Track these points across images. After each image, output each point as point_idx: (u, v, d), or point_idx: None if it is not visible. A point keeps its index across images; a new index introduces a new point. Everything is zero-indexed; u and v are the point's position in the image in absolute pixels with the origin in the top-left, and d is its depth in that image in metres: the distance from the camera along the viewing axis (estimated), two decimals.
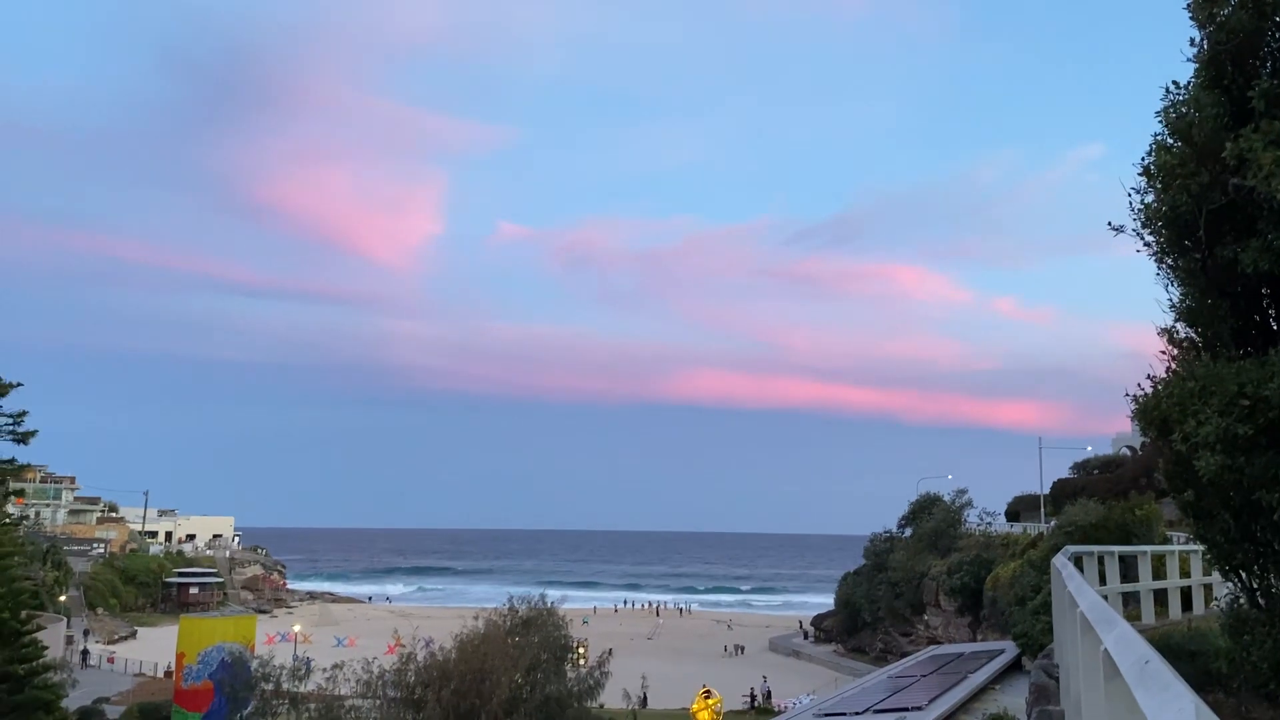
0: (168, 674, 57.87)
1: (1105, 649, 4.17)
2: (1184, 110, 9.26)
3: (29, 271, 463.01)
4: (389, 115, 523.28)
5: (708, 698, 51.00)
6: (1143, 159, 9.50)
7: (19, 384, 43.45)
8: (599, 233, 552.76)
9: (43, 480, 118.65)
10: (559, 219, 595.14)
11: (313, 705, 31.01)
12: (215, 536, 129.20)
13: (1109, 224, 9.78)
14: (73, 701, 39.20)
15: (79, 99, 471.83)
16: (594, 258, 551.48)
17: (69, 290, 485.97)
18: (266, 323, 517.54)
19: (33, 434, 43.72)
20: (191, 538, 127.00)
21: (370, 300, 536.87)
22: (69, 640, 67.44)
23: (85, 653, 70.36)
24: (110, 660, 68.58)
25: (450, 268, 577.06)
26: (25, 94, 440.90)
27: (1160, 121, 9.46)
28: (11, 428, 43.33)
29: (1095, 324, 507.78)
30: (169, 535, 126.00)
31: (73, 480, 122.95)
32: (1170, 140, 9.33)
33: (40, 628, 32.74)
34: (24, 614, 30.37)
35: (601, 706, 33.71)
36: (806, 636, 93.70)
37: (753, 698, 58.33)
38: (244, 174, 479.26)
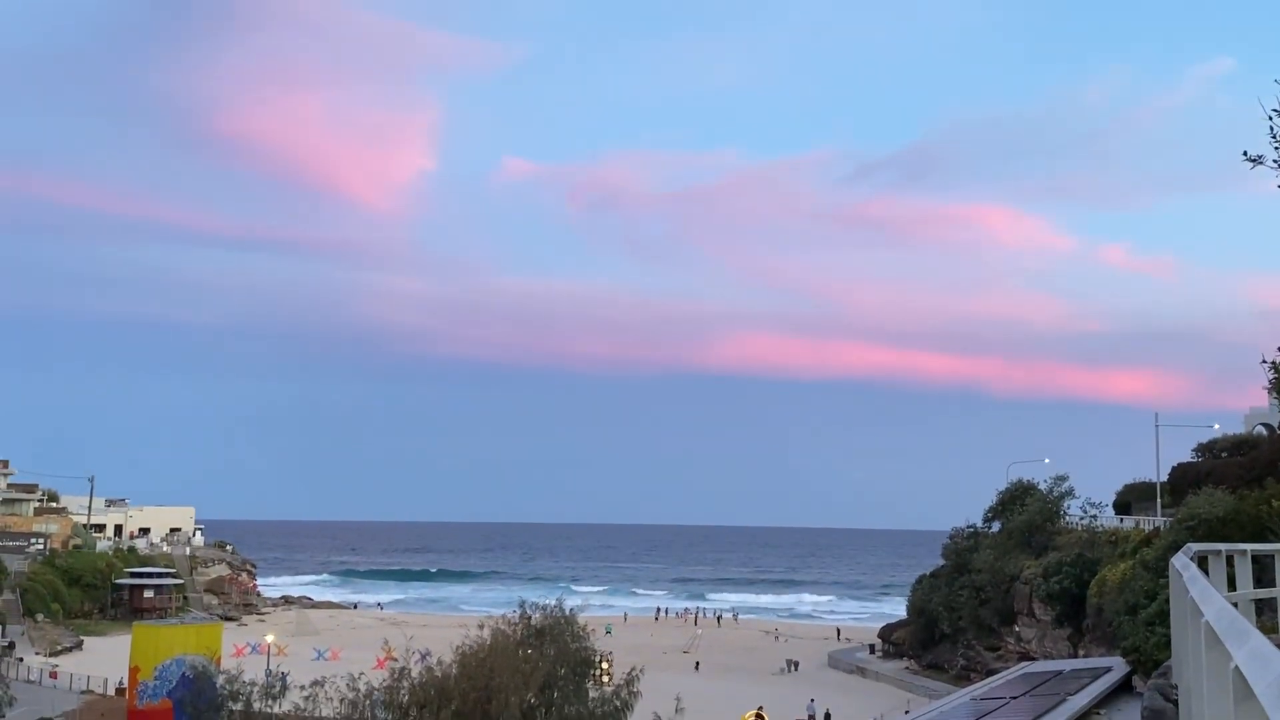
0: (120, 691, 58.96)
1: (1235, 666, 4.15)
2: None
3: None
4: (372, 29, 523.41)
5: None
6: None
7: None
8: (624, 169, 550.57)
9: None
10: (576, 153, 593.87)
11: None
12: (173, 530, 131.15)
13: (1244, 154, 9.65)
14: None
15: (14, 16, 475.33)
16: (618, 199, 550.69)
17: (5, 241, 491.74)
18: (231, 278, 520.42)
19: None
20: (145, 532, 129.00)
21: (353, 251, 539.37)
22: (5, 651, 68.91)
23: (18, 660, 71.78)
24: (53, 675, 69.89)
25: (447, 212, 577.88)
26: None
27: None
28: None
29: (1225, 276, 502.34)
30: (119, 529, 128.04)
31: (4, 464, 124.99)
32: None
33: None
34: None
35: None
36: (873, 651, 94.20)
37: None
38: (201, 100, 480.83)
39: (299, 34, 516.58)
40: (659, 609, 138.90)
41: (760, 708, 51.44)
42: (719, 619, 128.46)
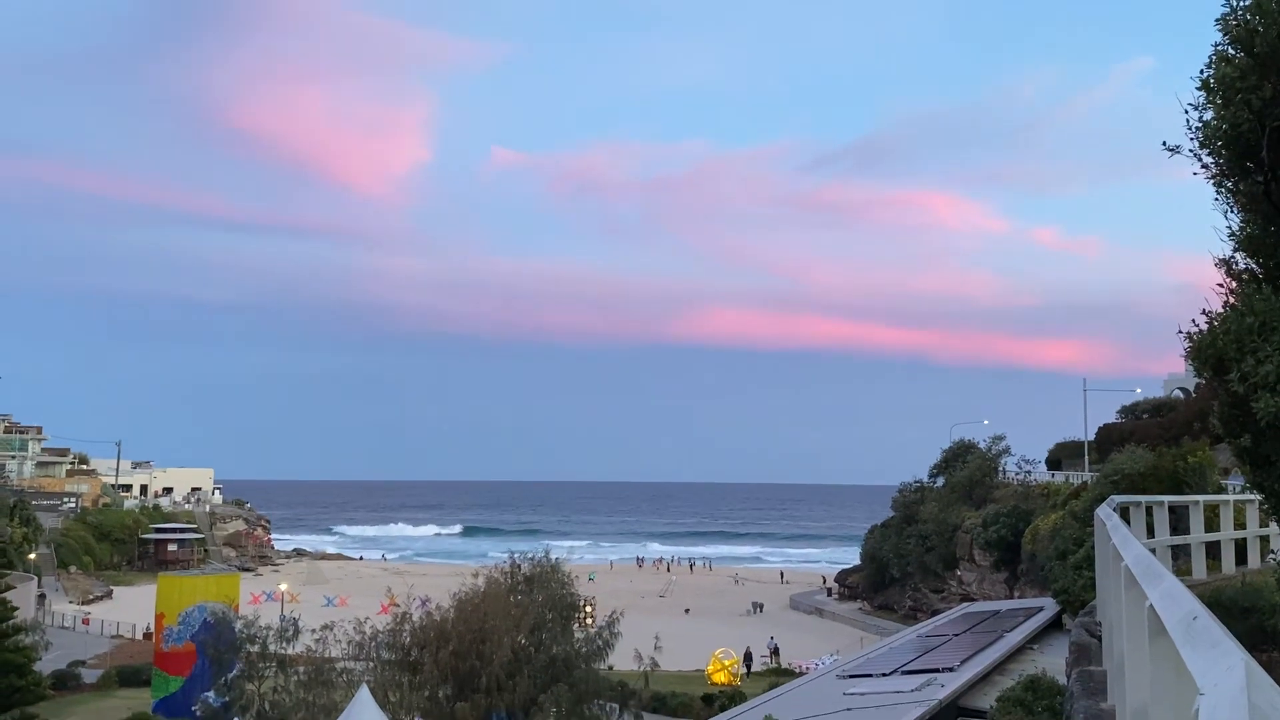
0: (147, 636, 58.88)
1: (1150, 605, 4.21)
2: (1247, 17, 9.10)
3: None
4: (369, 29, 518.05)
5: (727, 659, 51.83)
6: (1201, 71, 9.36)
7: None
8: (601, 159, 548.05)
9: (7, 430, 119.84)
10: (558, 144, 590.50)
11: (301, 668, 31.55)
12: (194, 490, 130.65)
13: (1164, 144, 9.67)
14: (46, 665, 39.96)
15: (31, 16, 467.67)
16: (596, 186, 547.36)
17: (28, 226, 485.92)
18: (243, 259, 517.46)
19: None
20: (168, 491, 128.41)
21: (355, 234, 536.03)
22: (40, 600, 68.57)
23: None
24: (85, 621, 69.73)
25: (440, 198, 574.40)
26: None
27: (1220, 30, 9.30)
28: None
29: (1145, 255, 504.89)
30: (144, 489, 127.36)
31: (39, 430, 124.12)
32: (1232, 50, 9.18)
33: (9, 587, 33.28)
34: None
35: (611, 668, 34.21)
36: (830, 594, 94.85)
37: (748, 659, 58.77)
38: (212, 96, 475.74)
39: (299, 33, 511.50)
40: (638, 558, 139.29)
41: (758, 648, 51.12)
42: (691, 566, 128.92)
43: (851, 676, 24.70)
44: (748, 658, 58.89)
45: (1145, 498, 19.37)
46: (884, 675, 23.84)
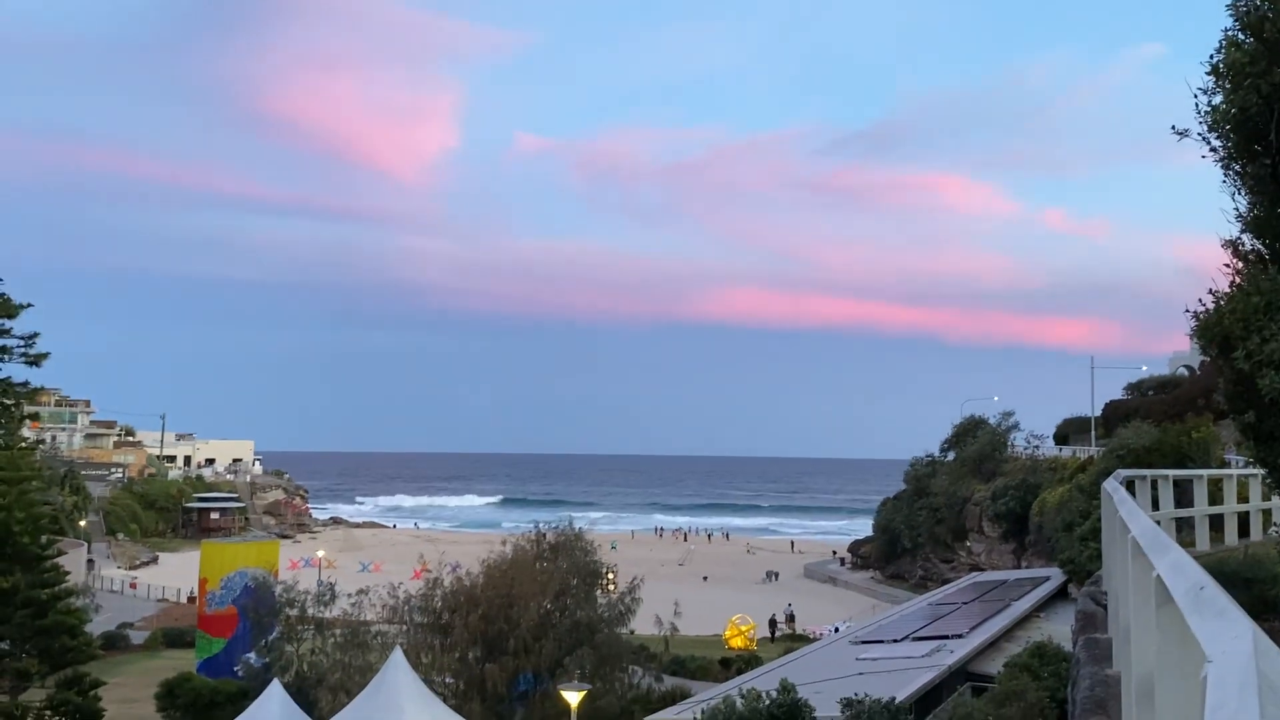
0: (191, 600, 59.52)
1: (1157, 575, 4.19)
2: (1257, 3, 8.98)
3: (38, 190, 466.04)
4: (398, 19, 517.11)
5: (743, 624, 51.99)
6: (1211, 56, 9.26)
7: (29, 305, 44.07)
8: (622, 144, 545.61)
9: (58, 404, 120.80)
10: (580, 130, 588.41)
11: (338, 630, 31.85)
12: (235, 461, 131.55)
13: (1173, 128, 9.57)
14: (96, 627, 40.45)
15: (77, 10, 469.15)
16: (617, 170, 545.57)
17: (79, 208, 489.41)
18: (280, 241, 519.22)
19: (45, 356, 44.46)
20: (211, 462, 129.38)
21: (386, 217, 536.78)
22: (90, 565, 69.41)
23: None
24: (133, 586, 70.53)
25: (468, 182, 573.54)
26: (21, 5, 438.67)
27: (1230, 15, 9.19)
28: (24, 350, 44.07)
29: (1153, 237, 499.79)
30: (188, 460, 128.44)
31: (88, 404, 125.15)
32: (1242, 36, 9.07)
33: (61, 553, 33.66)
34: (44, 538, 31.22)
35: (632, 633, 34.38)
36: (844, 563, 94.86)
37: (773, 625, 59.06)
38: (250, 84, 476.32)
39: (333, 23, 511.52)
40: (658, 527, 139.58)
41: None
42: (709, 536, 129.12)
43: (864, 642, 24.75)
44: (772, 624, 59.09)
45: (1150, 471, 19.26)
46: (895, 641, 23.86)
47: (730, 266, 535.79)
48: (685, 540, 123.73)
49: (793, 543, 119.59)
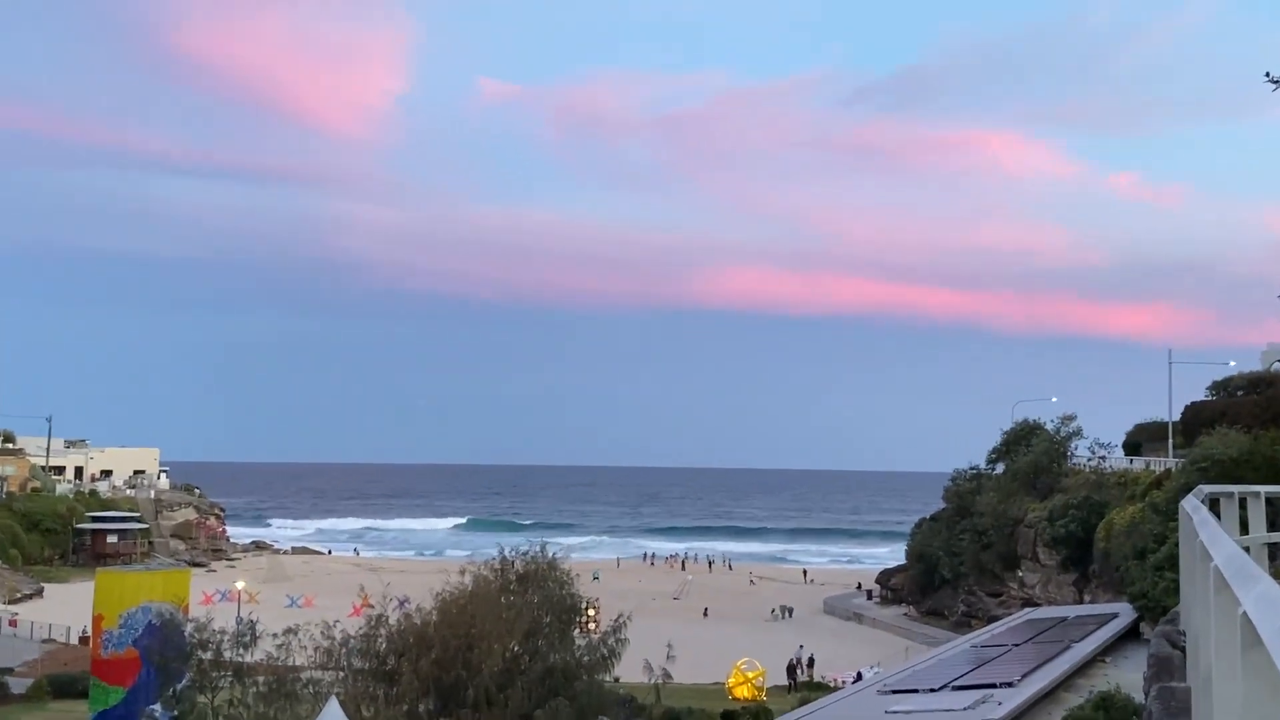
0: (83, 640, 59.43)
1: (1244, 611, 4.21)
2: None
3: None
4: None
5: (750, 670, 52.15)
6: None
7: None
8: (606, 90, 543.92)
9: None
10: (555, 72, 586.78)
11: (261, 678, 31.85)
12: (137, 473, 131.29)
13: (1267, 74, 9.62)
14: None
15: None
16: (599, 123, 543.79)
17: None
18: (192, 208, 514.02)
19: None
20: (107, 474, 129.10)
21: (320, 178, 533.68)
22: None
23: None
24: (12, 623, 70.35)
25: (419, 136, 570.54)
26: None
27: None
28: None
29: (1241, 206, 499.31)
30: (79, 471, 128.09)
31: None
32: None
33: None
34: None
35: (617, 680, 34.53)
36: (870, 596, 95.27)
37: (792, 671, 59.35)
38: (157, 17, 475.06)
39: None
40: (648, 554, 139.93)
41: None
42: (710, 564, 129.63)
43: (895, 692, 24.88)
44: (790, 669, 59.34)
45: (1239, 487, 19.33)
46: (932, 691, 24.00)
47: (733, 240, 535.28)
48: (681, 569, 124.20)
49: (805, 571, 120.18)
